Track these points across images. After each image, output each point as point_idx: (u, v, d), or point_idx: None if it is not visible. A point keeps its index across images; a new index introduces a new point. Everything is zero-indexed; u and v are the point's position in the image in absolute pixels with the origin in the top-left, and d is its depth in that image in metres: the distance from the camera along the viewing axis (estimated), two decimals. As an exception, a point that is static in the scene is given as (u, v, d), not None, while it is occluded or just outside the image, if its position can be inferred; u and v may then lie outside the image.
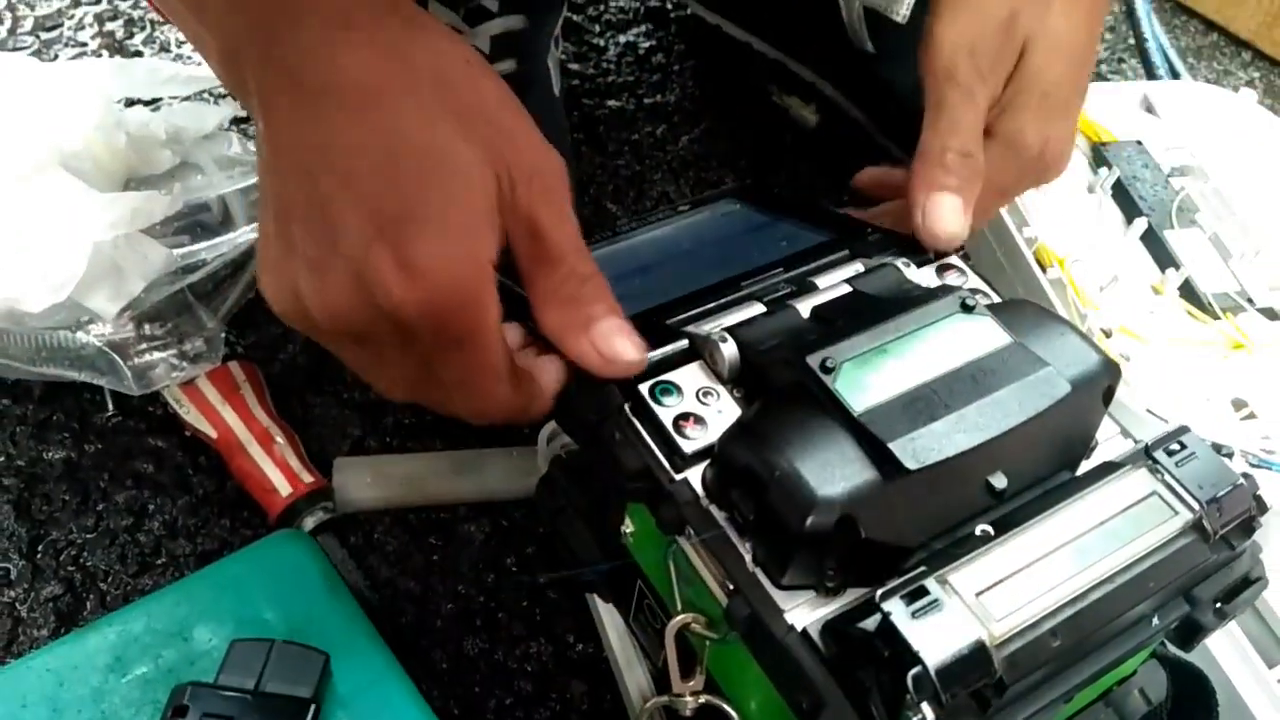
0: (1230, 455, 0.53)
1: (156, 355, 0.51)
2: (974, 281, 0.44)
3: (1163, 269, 0.61)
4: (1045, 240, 0.60)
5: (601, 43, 0.83)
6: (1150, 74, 0.81)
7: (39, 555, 0.52)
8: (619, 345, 0.37)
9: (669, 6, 0.88)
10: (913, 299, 0.39)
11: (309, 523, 0.51)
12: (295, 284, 0.34)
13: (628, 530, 0.41)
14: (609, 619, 0.49)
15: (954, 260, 0.45)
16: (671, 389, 0.38)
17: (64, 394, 0.55)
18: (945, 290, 0.39)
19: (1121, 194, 0.64)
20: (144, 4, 0.78)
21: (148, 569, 0.51)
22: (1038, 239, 0.59)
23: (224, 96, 0.71)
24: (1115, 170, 0.64)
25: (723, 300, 0.42)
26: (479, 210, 0.34)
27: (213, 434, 0.53)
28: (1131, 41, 0.99)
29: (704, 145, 0.78)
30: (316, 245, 0.34)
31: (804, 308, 0.40)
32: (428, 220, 0.33)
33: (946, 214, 0.43)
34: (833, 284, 0.42)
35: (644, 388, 0.38)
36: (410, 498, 0.55)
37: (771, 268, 0.44)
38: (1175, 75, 0.83)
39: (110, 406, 0.55)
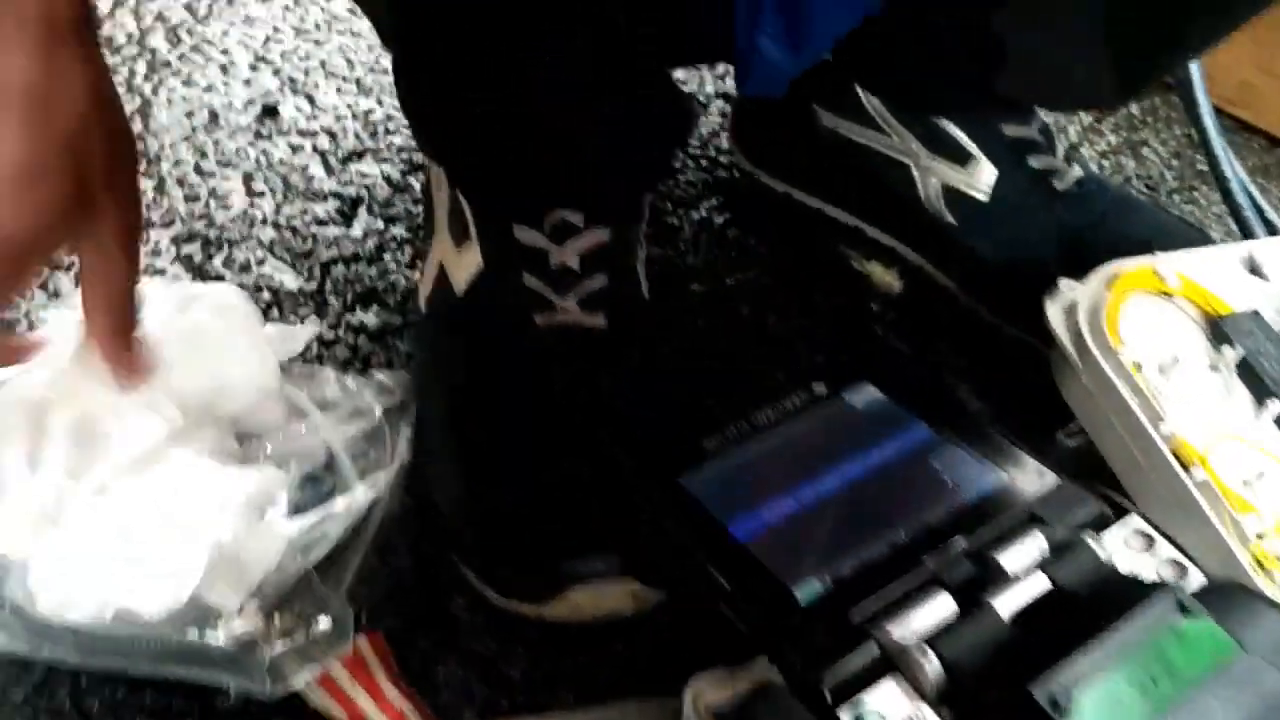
0: None
1: (285, 647, 0.49)
2: (1165, 549, 0.42)
3: (1304, 453, 0.59)
4: (1181, 433, 0.57)
5: (675, 221, 0.82)
6: (1238, 219, 0.80)
7: None
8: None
9: (735, 175, 0.87)
10: (1123, 596, 0.37)
11: (450, 809, 0.48)
12: None
13: None
14: None
15: (1137, 521, 0.42)
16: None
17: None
18: (1156, 588, 0.36)
19: (1247, 372, 0.62)
20: (220, 223, 0.77)
21: None
22: (1174, 434, 0.57)
23: (311, 319, 0.70)
24: (1239, 348, 0.62)
25: (903, 582, 0.40)
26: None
27: (343, 718, 0.50)
28: (1200, 167, 0.98)
29: (792, 322, 0.76)
30: None
31: (1002, 607, 0.38)
32: None
33: None
34: (1022, 566, 0.40)
35: (845, 717, 0.36)
36: (550, 765, 0.52)
37: (943, 531, 0.42)
38: (1260, 213, 0.81)
39: (232, 693, 0.52)
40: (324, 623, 0.50)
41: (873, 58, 0.70)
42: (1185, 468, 0.56)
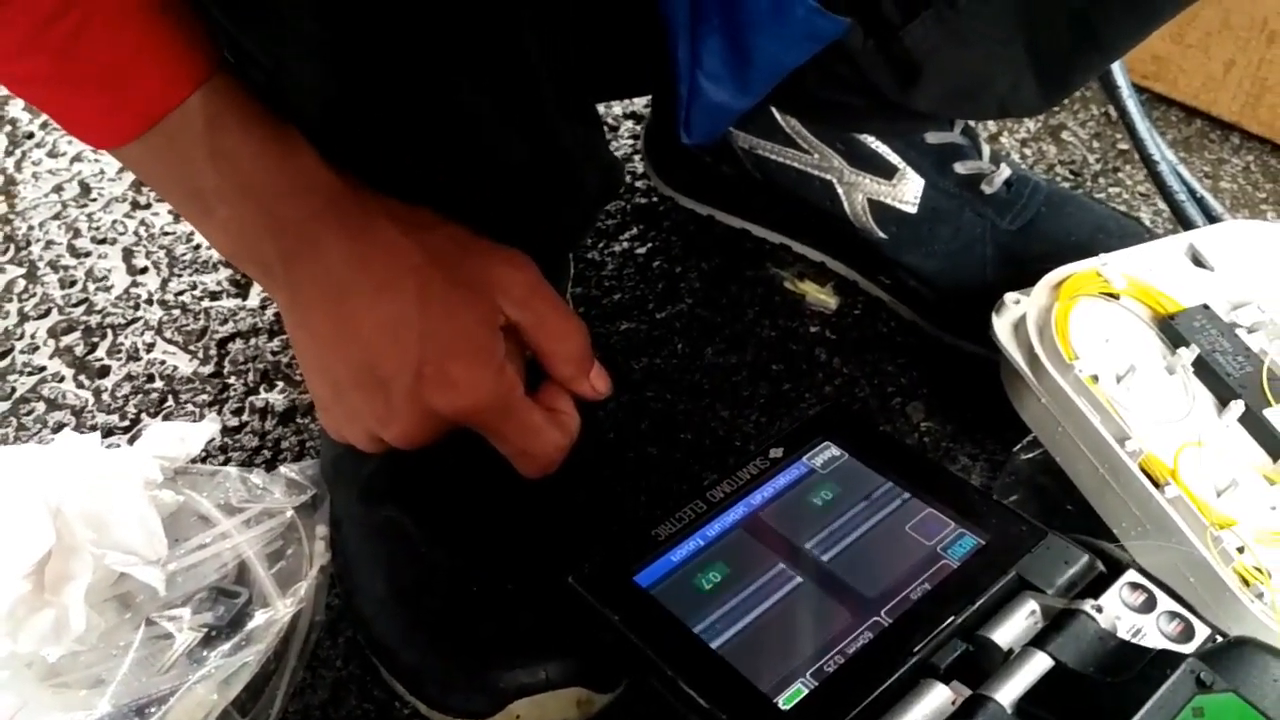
0: None
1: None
2: (1165, 601, 0.39)
3: (1270, 453, 0.57)
4: (1149, 448, 0.55)
5: (596, 256, 0.78)
6: (1171, 203, 0.78)
7: None
8: (604, 384, 0.52)
9: (655, 200, 0.83)
10: (1134, 672, 0.33)
11: None
12: (370, 432, 0.47)
13: None
14: None
15: (1134, 576, 0.39)
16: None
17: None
18: (1166, 659, 0.33)
19: (1205, 371, 0.60)
20: (101, 307, 0.71)
21: None
22: (1142, 450, 0.54)
23: (212, 405, 0.64)
24: (1194, 347, 0.60)
25: (892, 674, 0.36)
26: (485, 329, 0.47)
27: None
28: (1122, 146, 0.96)
29: (729, 355, 0.72)
30: (379, 404, 0.46)
31: (1004, 696, 0.34)
32: (452, 352, 0.45)
33: None
34: (1017, 640, 0.36)
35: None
36: None
37: (930, 609, 0.39)
38: (1193, 193, 0.79)
39: None
40: (251, 770, 0.45)
41: (786, 80, 0.66)
42: (1157, 485, 0.54)
